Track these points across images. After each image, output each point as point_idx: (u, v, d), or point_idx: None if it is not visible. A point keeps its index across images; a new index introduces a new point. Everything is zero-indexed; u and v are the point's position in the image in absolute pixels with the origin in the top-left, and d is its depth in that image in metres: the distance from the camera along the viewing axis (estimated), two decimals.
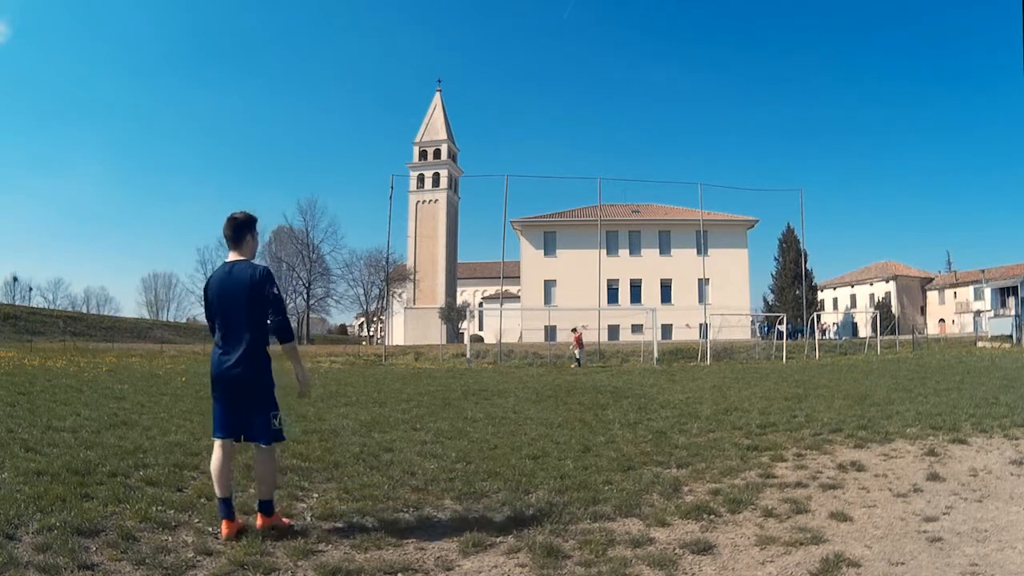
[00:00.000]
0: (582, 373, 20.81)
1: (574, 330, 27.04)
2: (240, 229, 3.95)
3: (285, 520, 3.99)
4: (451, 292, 66.28)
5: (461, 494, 4.85)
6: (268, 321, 3.83)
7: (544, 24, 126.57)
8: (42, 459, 5.41)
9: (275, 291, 3.84)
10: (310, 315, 69.23)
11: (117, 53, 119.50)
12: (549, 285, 48.32)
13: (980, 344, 34.41)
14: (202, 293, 4.05)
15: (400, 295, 63.19)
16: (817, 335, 34.22)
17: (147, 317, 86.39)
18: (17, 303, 70.83)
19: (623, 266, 48.04)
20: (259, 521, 3.85)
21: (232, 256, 3.96)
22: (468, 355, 29.22)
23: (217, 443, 3.87)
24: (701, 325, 38.30)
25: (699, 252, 44.42)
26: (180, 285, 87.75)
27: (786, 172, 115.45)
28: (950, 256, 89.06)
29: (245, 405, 3.83)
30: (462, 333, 59.75)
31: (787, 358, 28.23)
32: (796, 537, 3.83)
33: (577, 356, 25.48)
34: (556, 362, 27.24)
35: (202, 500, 4.44)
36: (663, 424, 8.37)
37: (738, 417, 8.85)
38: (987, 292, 58.52)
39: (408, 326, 63.01)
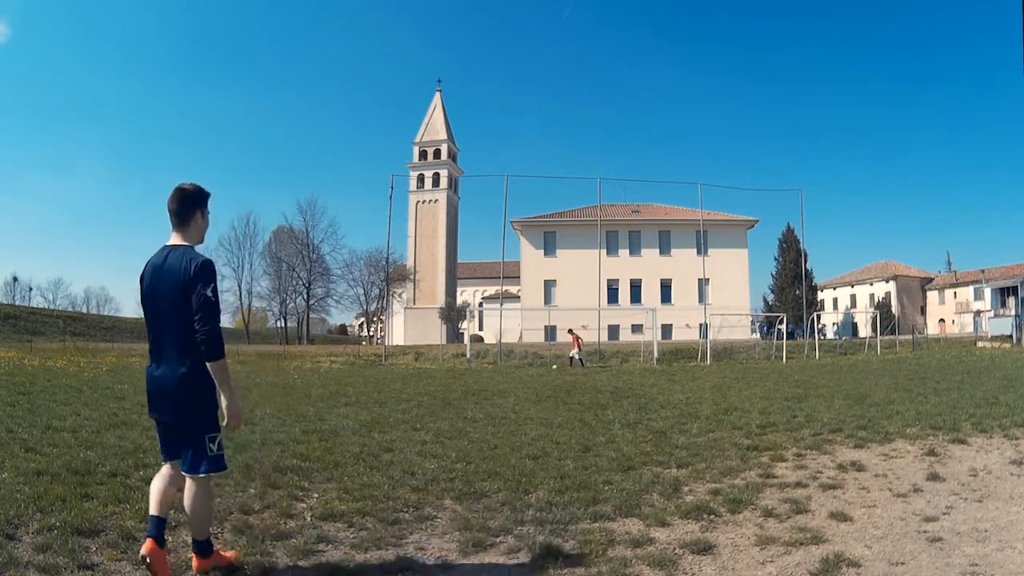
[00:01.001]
0: (582, 373, 20.80)
1: (571, 331, 26.85)
2: (187, 204, 3.24)
3: (227, 555, 3.36)
4: (451, 292, 66.28)
5: (461, 494, 4.85)
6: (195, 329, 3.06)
7: (544, 24, 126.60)
8: (42, 459, 5.41)
9: (209, 292, 3.05)
10: (310, 315, 69.26)
11: (117, 53, 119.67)
12: (549, 285, 48.33)
13: (980, 344, 34.41)
14: (137, 283, 3.29)
15: (400, 295, 63.20)
16: (816, 335, 34.23)
17: None
18: (17, 303, 70.85)
19: (623, 266, 48.04)
20: (195, 563, 3.21)
21: (173, 239, 3.24)
22: (468, 355, 29.22)
23: (165, 465, 3.29)
24: (701, 325, 38.33)
25: (699, 252, 44.42)
26: None
27: (786, 172, 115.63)
28: (950, 256, 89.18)
29: (179, 428, 3.17)
30: (462, 333, 59.76)
31: (787, 358, 28.24)
32: (796, 537, 3.82)
33: (578, 357, 25.34)
34: (556, 362, 27.23)
35: None
36: (663, 424, 8.37)
37: (738, 417, 8.85)
38: (987, 292, 58.53)
39: (408, 326, 63.03)
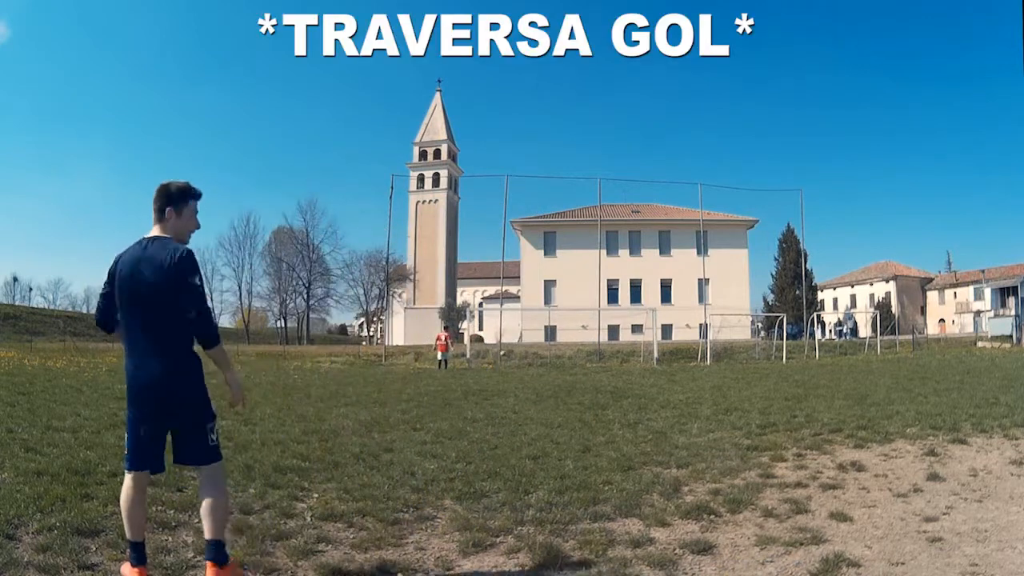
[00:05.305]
0: (450, 375, 19.82)
1: (444, 330, 26.32)
2: (157, 200, 3.14)
3: (244, 572, 3.24)
4: (451, 292, 66.26)
5: (461, 494, 4.85)
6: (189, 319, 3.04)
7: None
8: (42, 459, 5.41)
9: (198, 281, 3.03)
10: (310, 315, 69.27)
11: (117, 53, 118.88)
12: (549, 285, 48.31)
13: (980, 344, 34.39)
14: (106, 275, 3.14)
15: (400, 295, 63.22)
16: (818, 335, 34.22)
17: None
18: (17, 303, 70.81)
19: (623, 266, 48.02)
20: (208, 572, 3.00)
21: (152, 232, 3.14)
22: (468, 355, 29.22)
23: (129, 477, 3.11)
24: (701, 325, 38.31)
25: (699, 252, 44.43)
26: None
27: (786, 172, 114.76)
28: (950, 256, 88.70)
29: (177, 423, 3.09)
30: (462, 333, 59.76)
31: (787, 358, 28.24)
32: (796, 537, 3.82)
33: (443, 358, 24.27)
34: (556, 362, 27.24)
35: None
36: (663, 424, 8.37)
37: (738, 417, 8.85)
38: (987, 292, 58.49)
39: (408, 326, 62.98)
